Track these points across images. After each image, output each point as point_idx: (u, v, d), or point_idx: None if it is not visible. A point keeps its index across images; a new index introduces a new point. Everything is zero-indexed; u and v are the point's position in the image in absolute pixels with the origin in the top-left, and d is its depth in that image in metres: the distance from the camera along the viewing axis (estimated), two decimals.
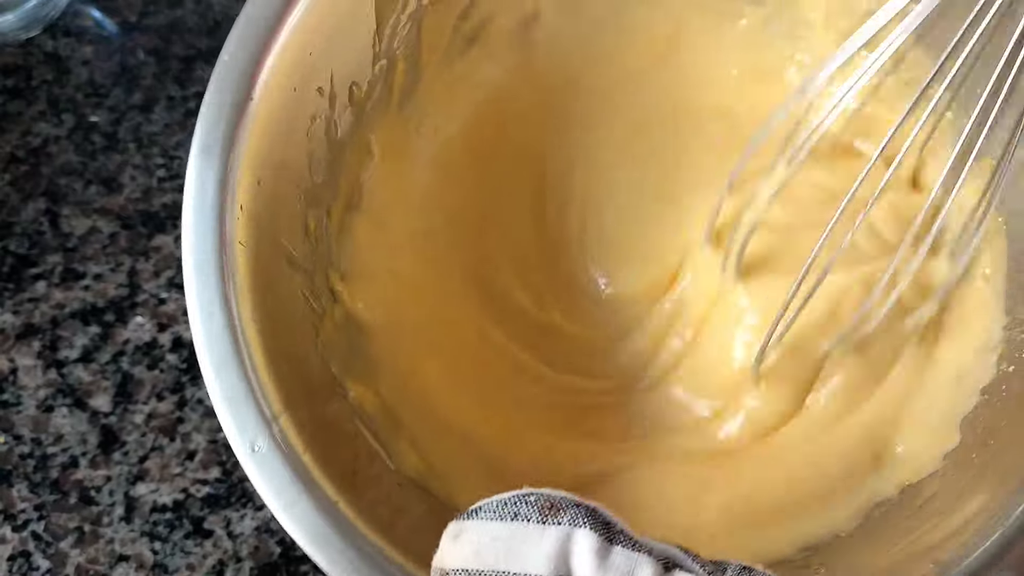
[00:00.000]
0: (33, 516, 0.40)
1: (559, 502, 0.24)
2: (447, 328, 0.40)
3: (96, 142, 0.50)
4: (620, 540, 0.23)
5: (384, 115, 0.40)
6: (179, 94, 0.52)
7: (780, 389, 0.38)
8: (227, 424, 0.30)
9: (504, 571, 0.24)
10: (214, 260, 0.31)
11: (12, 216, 0.48)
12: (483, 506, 0.25)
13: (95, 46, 0.54)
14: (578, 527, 0.24)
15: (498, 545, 0.24)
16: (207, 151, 0.32)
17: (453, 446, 0.37)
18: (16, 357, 0.44)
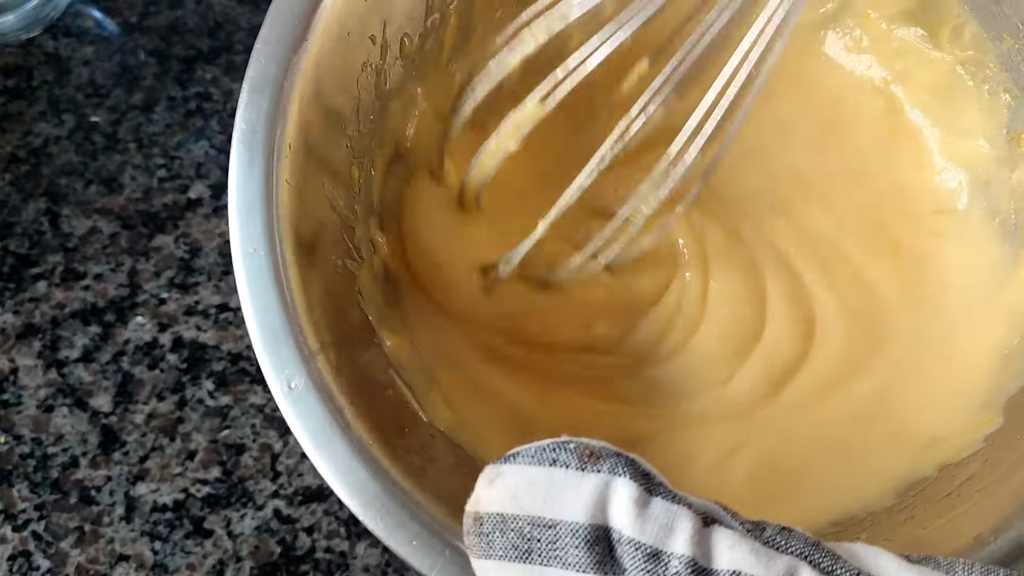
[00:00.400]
0: (33, 516, 0.40)
1: (599, 450, 0.24)
2: (471, 281, 0.40)
3: (97, 142, 0.50)
4: (660, 492, 0.23)
5: (433, 69, 0.40)
6: (180, 94, 0.52)
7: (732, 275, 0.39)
8: (264, 360, 0.29)
9: (540, 516, 0.23)
10: (260, 195, 0.31)
11: (13, 216, 0.48)
12: (521, 451, 0.24)
13: (96, 46, 0.54)
14: (617, 475, 0.23)
15: (536, 490, 0.23)
16: (259, 88, 0.32)
17: (484, 403, 0.37)
18: (16, 357, 0.44)
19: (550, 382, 0.38)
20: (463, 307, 0.39)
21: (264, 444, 0.42)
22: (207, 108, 0.52)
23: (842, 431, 0.38)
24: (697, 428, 0.38)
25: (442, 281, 0.40)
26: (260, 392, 0.43)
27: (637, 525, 0.22)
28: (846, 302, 0.40)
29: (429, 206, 0.40)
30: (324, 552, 0.39)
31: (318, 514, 0.40)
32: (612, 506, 0.23)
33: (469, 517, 0.24)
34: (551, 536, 0.23)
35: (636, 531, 0.22)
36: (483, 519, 0.24)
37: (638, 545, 0.22)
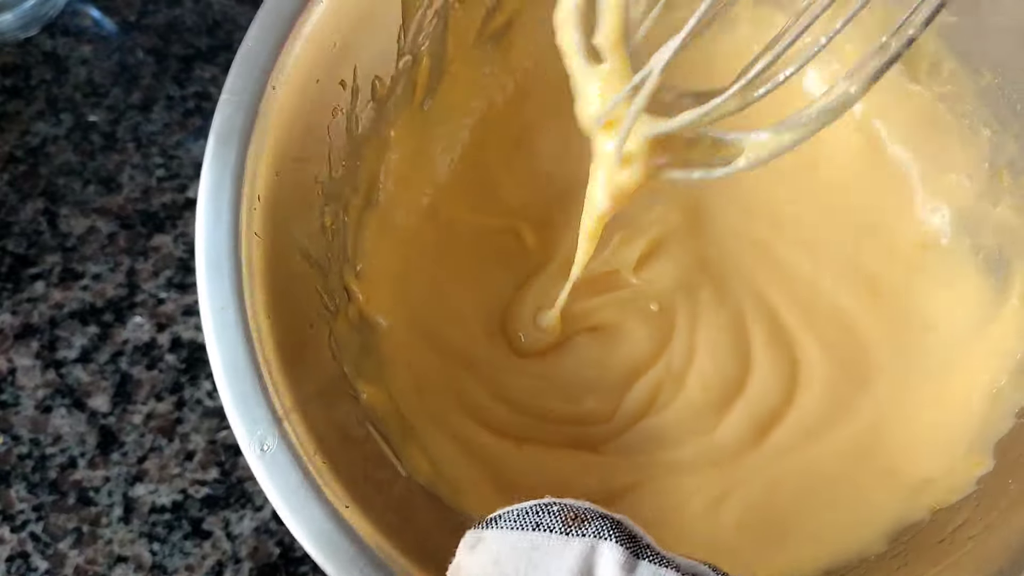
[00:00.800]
0: (32, 517, 0.40)
1: (583, 513, 0.23)
2: (459, 335, 0.40)
3: (95, 142, 0.50)
4: (647, 555, 0.23)
5: (405, 111, 0.39)
6: (178, 94, 0.52)
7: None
8: (236, 422, 0.29)
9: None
10: (228, 251, 0.30)
11: (11, 216, 0.48)
12: (503, 515, 0.24)
13: (94, 45, 0.54)
14: (603, 539, 0.23)
15: (518, 555, 0.23)
16: (225, 140, 0.32)
17: (463, 454, 0.37)
18: (15, 357, 0.44)
19: (534, 440, 0.38)
20: (454, 363, 0.39)
21: None
22: (206, 107, 0.51)
23: (830, 474, 0.37)
24: (684, 477, 0.37)
25: (435, 335, 0.39)
26: None
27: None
28: (828, 344, 0.40)
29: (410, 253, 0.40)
30: None
31: None
32: (598, 571, 0.22)
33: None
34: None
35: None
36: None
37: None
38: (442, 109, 0.41)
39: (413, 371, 0.38)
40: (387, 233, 0.39)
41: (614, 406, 0.39)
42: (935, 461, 0.36)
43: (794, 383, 0.39)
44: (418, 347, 0.38)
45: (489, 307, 0.41)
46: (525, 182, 0.43)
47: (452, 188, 0.42)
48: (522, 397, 0.39)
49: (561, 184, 0.43)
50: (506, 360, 0.40)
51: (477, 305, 0.41)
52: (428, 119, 0.41)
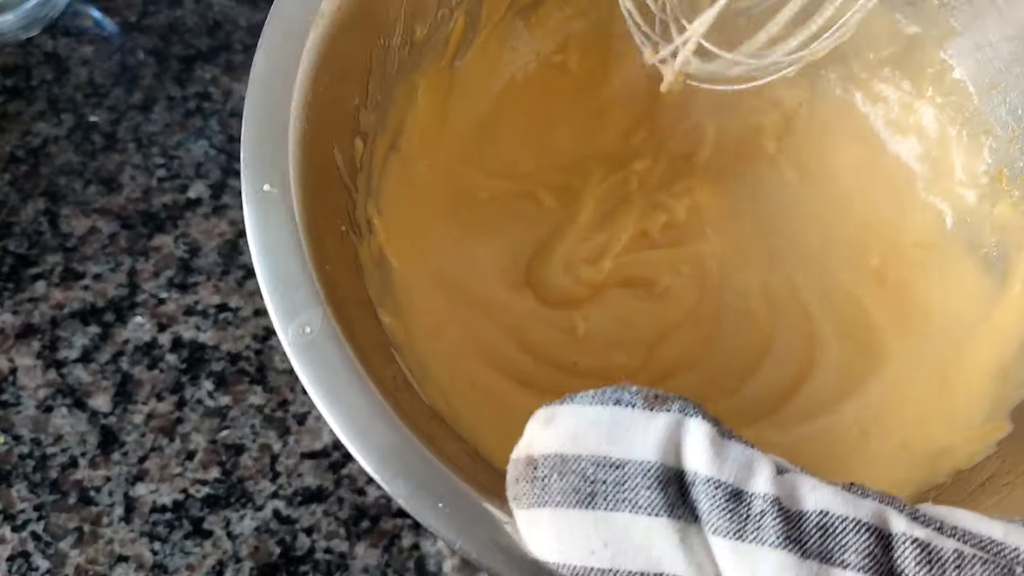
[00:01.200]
0: (32, 516, 0.40)
1: (663, 394, 0.22)
2: (479, 285, 0.40)
3: (96, 142, 0.50)
4: (732, 435, 0.21)
5: (435, 65, 0.40)
6: (179, 94, 0.52)
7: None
8: (275, 305, 0.27)
9: (605, 456, 0.21)
10: (273, 141, 0.29)
11: (12, 216, 0.48)
12: (575, 396, 0.22)
13: (95, 46, 0.54)
14: (689, 416, 0.21)
15: (599, 430, 0.21)
16: (276, 47, 0.31)
17: (482, 401, 0.36)
18: (15, 357, 0.44)
19: (556, 392, 0.38)
20: (474, 312, 0.39)
21: (264, 444, 0.42)
22: (206, 108, 0.51)
23: (845, 444, 0.38)
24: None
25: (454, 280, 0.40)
26: (260, 392, 0.43)
27: (716, 464, 0.21)
28: (841, 325, 0.41)
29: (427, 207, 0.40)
30: (324, 553, 0.39)
31: (318, 515, 0.40)
32: (687, 445, 0.21)
33: (519, 462, 0.22)
34: (619, 477, 0.21)
35: (715, 470, 0.21)
36: (537, 462, 0.22)
37: (718, 484, 0.20)
38: (468, 73, 0.42)
39: (431, 317, 0.37)
40: (407, 183, 0.39)
41: (641, 362, 0.39)
42: (950, 431, 0.37)
43: (810, 357, 0.40)
44: (436, 295, 0.38)
45: (510, 259, 0.41)
46: (541, 155, 0.44)
47: (470, 152, 0.43)
48: (548, 349, 0.39)
49: (577, 157, 0.44)
50: (532, 311, 0.40)
51: (497, 257, 0.41)
52: (455, 79, 0.41)
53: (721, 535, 0.20)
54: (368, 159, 0.36)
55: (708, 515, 0.20)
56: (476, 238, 0.41)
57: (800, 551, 0.20)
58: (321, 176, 0.32)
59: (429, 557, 0.39)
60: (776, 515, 0.20)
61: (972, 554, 0.20)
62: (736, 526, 0.20)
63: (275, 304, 0.27)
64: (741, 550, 0.20)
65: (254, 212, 0.29)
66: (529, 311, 0.40)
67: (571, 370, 0.39)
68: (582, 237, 0.42)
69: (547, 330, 0.40)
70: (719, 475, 0.20)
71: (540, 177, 0.44)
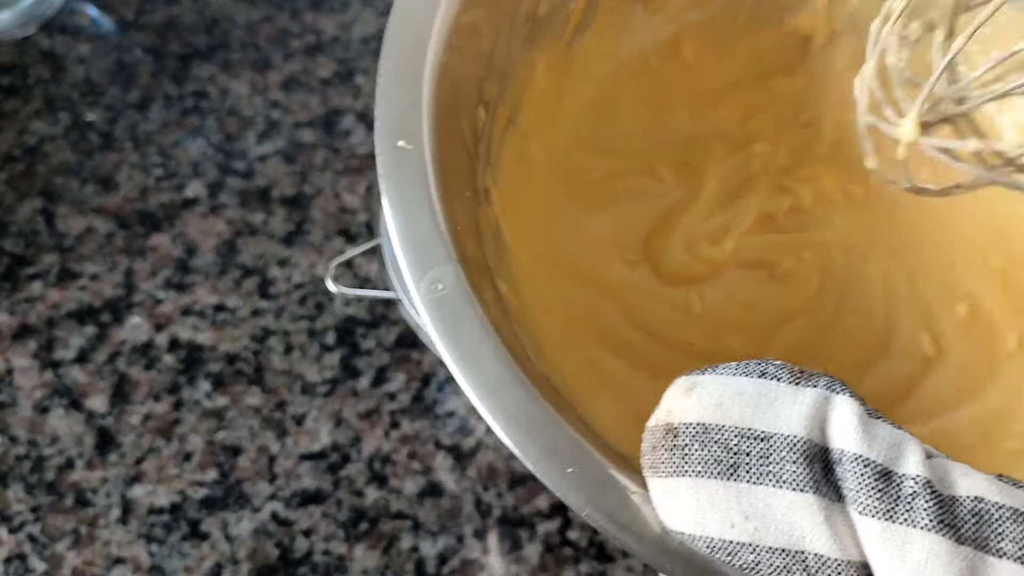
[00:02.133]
0: (29, 518, 0.40)
1: (807, 370, 0.21)
2: (594, 262, 0.40)
3: (92, 141, 0.50)
4: (879, 415, 0.21)
5: (554, 44, 0.40)
6: (176, 92, 0.52)
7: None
8: (407, 259, 0.27)
9: (750, 428, 0.21)
10: (407, 100, 0.30)
11: (8, 215, 0.47)
12: (719, 367, 0.22)
13: (91, 44, 0.53)
14: (836, 392, 0.21)
15: (744, 400, 0.21)
16: (410, 7, 0.32)
17: (594, 380, 0.36)
18: (12, 358, 0.43)
19: (669, 373, 0.38)
20: (587, 289, 0.39)
21: (261, 446, 0.41)
22: (204, 106, 0.51)
23: (964, 448, 0.37)
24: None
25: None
26: (257, 393, 0.43)
27: (864, 443, 0.20)
28: (961, 327, 0.41)
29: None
30: (322, 555, 0.39)
31: (316, 516, 0.40)
32: (833, 422, 0.21)
33: (657, 430, 0.22)
34: (763, 449, 0.20)
35: (864, 448, 0.20)
36: (678, 430, 0.21)
37: (867, 462, 0.20)
38: (585, 55, 0.41)
39: (543, 292, 0.37)
40: (522, 158, 0.39)
41: (757, 347, 0.39)
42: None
43: (930, 355, 0.40)
44: (549, 270, 0.38)
45: (627, 235, 0.41)
46: (656, 133, 0.44)
47: (584, 133, 0.42)
48: (662, 327, 0.39)
49: (695, 135, 0.44)
50: (648, 288, 0.40)
51: (613, 233, 0.40)
52: (572, 60, 0.41)
53: (869, 515, 0.20)
54: (488, 129, 0.36)
55: (855, 494, 0.20)
56: (592, 215, 0.41)
57: (955, 536, 0.19)
58: (450, 138, 0.31)
59: (428, 559, 0.39)
60: (929, 498, 0.20)
61: None
62: (886, 506, 0.20)
63: (408, 257, 0.27)
64: (891, 531, 0.19)
65: (387, 166, 0.29)
66: (644, 288, 0.40)
67: (686, 350, 0.38)
68: (704, 215, 0.41)
69: (662, 308, 0.39)
70: (868, 454, 0.20)
71: (657, 154, 0.43)
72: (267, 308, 0.45)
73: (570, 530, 0.40)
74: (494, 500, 0.40)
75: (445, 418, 0.42)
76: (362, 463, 0.41)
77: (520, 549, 0.39)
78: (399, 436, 0.42)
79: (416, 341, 0.44)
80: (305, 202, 0.48)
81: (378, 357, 0.44)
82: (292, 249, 0.47)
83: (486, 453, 0.41)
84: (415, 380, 0.43)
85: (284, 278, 0.46)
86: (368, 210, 0.48)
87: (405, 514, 0.40)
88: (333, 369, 0.43)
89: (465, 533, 0.40)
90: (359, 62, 0.53)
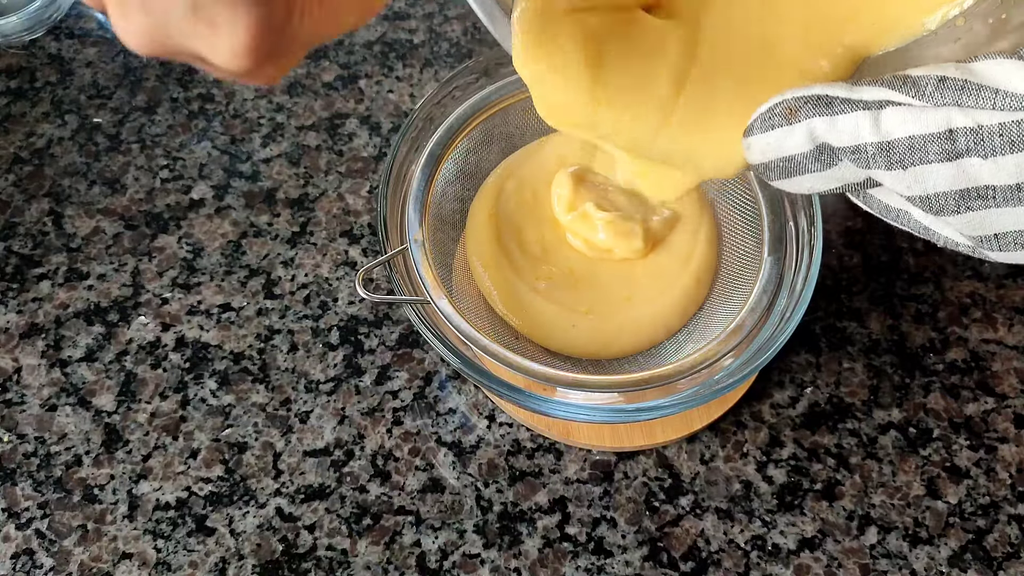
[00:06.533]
0: (37, 514, 0.40)
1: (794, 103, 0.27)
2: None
3: (99, 143, 0.50)
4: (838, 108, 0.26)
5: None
6: (182, 95, 0.52)
7: None
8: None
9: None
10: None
11: (16, 216, 0.48)
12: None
13: (98, 48, 0.54)
14: (819, 116, 0.26)
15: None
16: None
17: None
18: (20, 356, 0.44)
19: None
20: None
21: (266, 443, 0.42)
22: (209, 109, 0.52)
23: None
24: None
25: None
26: (262, 391, 0.43)
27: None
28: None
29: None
30: (326, 550, 0.40)
31: (320, 512, 0.40)
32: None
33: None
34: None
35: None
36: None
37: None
38: None
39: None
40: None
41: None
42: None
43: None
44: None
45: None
46: None
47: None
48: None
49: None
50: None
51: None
52: None
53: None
54: None
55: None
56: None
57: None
58: None
59: (430, 554, 0.40)
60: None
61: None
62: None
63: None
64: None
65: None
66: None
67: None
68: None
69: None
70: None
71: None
72: (272, 308, 0.46)
73: (569, 525, 0.40)
74: (494, 496, 0.41)
75: (446, 416, 0.43)
76: (365, 460, 0.42)
77: (520, 544, 0.40)
78: (401, 433, 0.42)
79: (418, 340, 0.45)
80: (309, 204, 0.49)
81: (381, 356, 0.44)
82: (296, 250, 0.47)
83: (487, 450, 0.42)
84: (417, 378, 0.44)
85: (289, 278, 0.46)
86: (371, 212, 0.48)
87: (407, 509, 0.40)
88: (337, 367, 0.44)
89: (466, 528, 0.40)
90: (362, 67, 0.54)
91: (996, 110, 0.24)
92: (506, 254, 0.43)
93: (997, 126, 0.24)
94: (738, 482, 0.42)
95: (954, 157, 0.25)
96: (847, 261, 0.48)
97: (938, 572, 0.40)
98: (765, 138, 0.28)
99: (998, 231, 0.25)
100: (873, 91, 0.26)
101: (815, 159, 0.27)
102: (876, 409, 0.44)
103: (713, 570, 0.40)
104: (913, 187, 0.25)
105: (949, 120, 0.24)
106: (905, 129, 0.25)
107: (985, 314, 0.46)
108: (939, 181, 0.25)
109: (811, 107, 0.27)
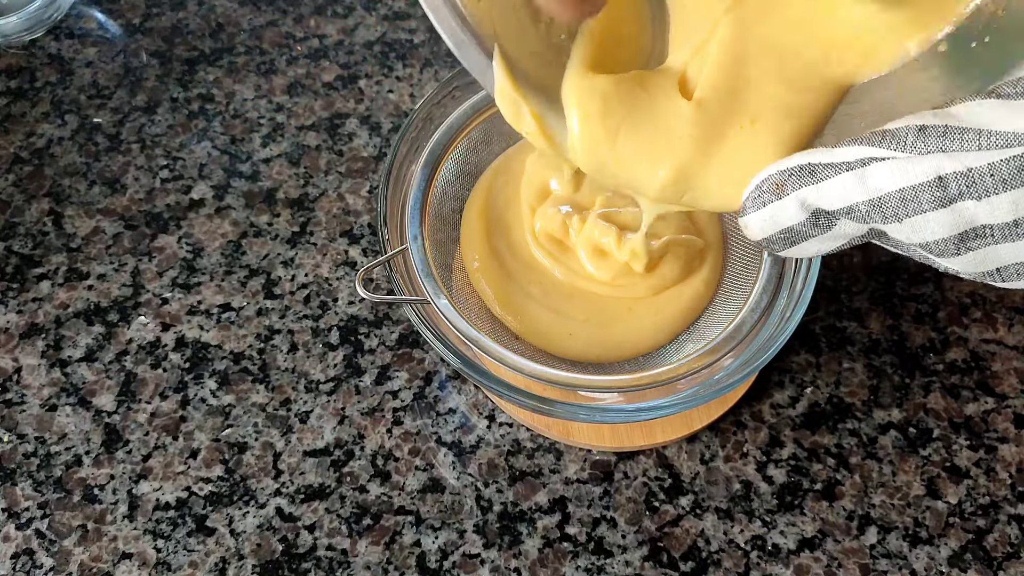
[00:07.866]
0: (37, 514, 0.40)
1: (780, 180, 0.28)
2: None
3: (99, 143, 0.50)
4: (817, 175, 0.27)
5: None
6: (182, 95, 0.52)
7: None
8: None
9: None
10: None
11: (16, 216, 0.48)
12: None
13: (98, 48, 0.54)
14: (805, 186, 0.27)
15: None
16: None
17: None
18: (20, 356, 0.44)
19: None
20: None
21: (266, 443, 0.42)
22: (209, 109, 0.52)
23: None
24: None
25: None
26: (262, 391, 0.43)
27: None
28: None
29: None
30: (326, 550, 0.40)
31: (320, 512, 0.40)
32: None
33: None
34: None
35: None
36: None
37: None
38: None
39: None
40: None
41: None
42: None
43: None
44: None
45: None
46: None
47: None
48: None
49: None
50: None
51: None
52: None
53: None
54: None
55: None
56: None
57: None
58: None
59: (430, 554, 0.40)
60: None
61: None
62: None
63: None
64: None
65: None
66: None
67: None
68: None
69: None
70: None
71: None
72: (272, 308, 0.46)
73: (569, 525, 0.40)
74: (494, 496, 0.41)
75: (446, 415, 0.43)
76: (365, 460, 0.42)
77: (520, 544, 0.40)
78: (401, 433, 0.42)
79: (418, 340, 0.45)
80: (309, 204, 0.49)
81: (381, 356, 0.44)
82: (296, 250, 0.47)
83: (487, 450, 0.42)
84: (417, 378, 0.44)
85: (289, 278, 0.46)
86: (371, 212, 0.48)
87: (407, 509, 0.41)
88: (337, 367, 0.44)
89: (466, 528, 0.40)
90: (362, 66, 0.54)
91: (983, 150, 0.24)
92: (497, 255, 0.43)
93: (987, 166, 0.24)
94: (738, 482, 0.42)
95: (948, 203, 0.25)
96: (847, 261, 0.48)
97: (938, 572, 0.40)
98: (760, 215, 0.29)
99: (1000, 265, 0.26)
100: (854, 150, 0.26)
101: (813, 225, 0.28)
102: (876, 409, 0.44)
103: (713, 570, 0.40)
104: (912, 236, 0.26)
105: (938, 167, 0.25)
106: (894, 182, 0.25)
107: (985, 314, 0.46)
108: (936, 228, 0.25)
109: (796, 178, 0.27)
